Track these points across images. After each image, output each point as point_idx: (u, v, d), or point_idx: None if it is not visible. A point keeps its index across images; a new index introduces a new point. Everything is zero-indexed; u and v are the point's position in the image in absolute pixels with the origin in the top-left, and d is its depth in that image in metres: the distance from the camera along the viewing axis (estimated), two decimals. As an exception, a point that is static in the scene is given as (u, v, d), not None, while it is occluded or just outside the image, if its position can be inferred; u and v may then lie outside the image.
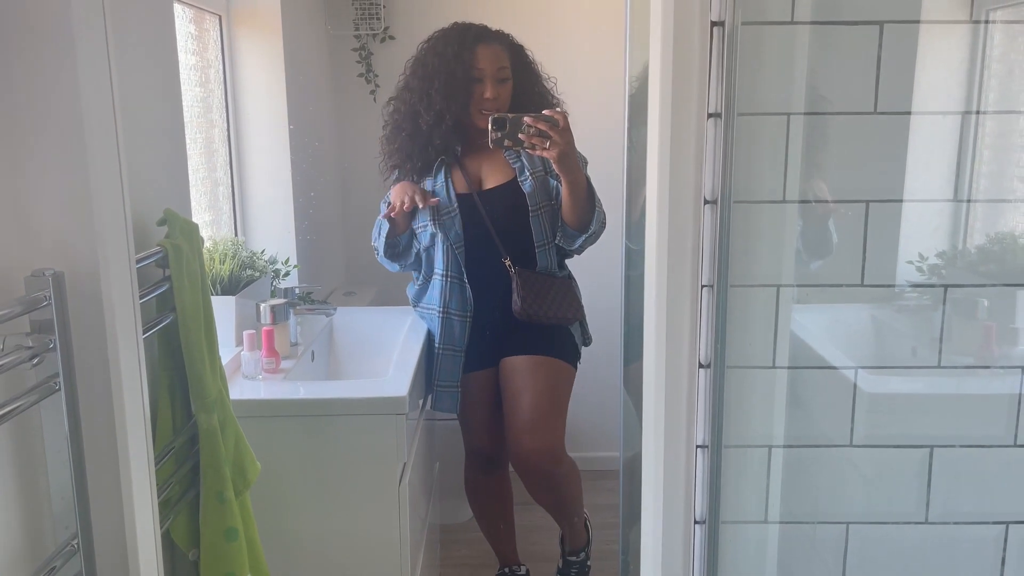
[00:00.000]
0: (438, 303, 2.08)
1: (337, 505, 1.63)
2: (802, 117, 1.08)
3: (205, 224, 2.12)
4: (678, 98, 1.03)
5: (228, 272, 1.84)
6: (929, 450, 1.19)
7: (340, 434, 1.61)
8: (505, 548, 2.37)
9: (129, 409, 0.99)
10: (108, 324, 0.96)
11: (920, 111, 1.12)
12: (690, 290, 1.08)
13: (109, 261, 0.95)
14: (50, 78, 0.91)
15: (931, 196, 1.17)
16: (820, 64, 1.10)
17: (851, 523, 1.21)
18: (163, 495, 1.17)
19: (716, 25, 1.02)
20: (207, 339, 1.25)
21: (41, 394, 0.88)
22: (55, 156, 0.92)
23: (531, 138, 1.82)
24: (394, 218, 2.01)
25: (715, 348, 1.09)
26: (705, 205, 1.07)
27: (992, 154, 1.16)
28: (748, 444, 1.17)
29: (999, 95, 1.16)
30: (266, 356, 1.76)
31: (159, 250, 1.18)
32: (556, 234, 2.06)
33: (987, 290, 1.20)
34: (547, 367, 2.07)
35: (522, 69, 2.06)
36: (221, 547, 1.27)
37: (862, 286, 1.15)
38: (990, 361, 1.23)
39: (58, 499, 0.94)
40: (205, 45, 2.18)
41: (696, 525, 1.14)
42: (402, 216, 2.02)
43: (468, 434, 2.24)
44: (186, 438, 1.26)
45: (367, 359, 2.19)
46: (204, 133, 2.15)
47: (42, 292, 0.88)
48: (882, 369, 1.24)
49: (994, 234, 1.20)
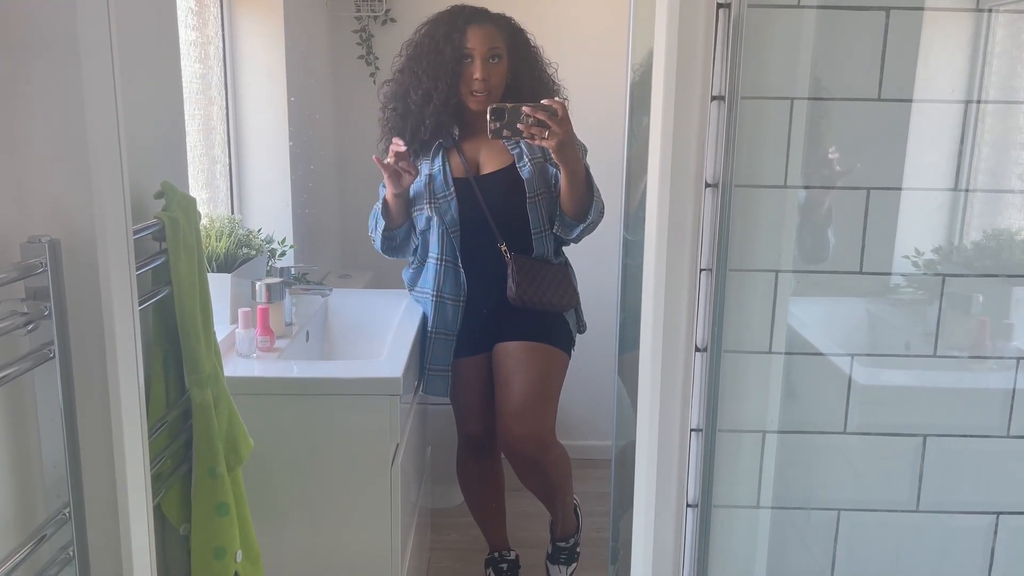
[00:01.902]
0: (432, 287, 2.08)
1: (329, 484, 1.63)
2: (806, 102, 1.08)
3: (202, 201, 2.11)
4: (682, 80, 1.03)
5: (224, 250, 1.83)
6: (922, 440, 1.19)
7: (333, 414, 1.60)
8: (495, 533, 2.37)
9: (123, 379, 0.99)
10: (104, 293, 0.95)
11: (923, 99, 1.12)
12: (689, 273, 1.08)
13: (106, 229, 0.95)
14: (51, 47, 0.90)
15: (931, 185, 1.17)
16: (825, 49, 1.09)
17: (842, 510, 1.22)
18: (155, 468, 1.16)
19: (722, 7, 1.02)
20: (202, 313, 1.25)
21: (35, 361, 0.88)
22: (54, 123, 0.91)
23: (530, 128, 1.81)
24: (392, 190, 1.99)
25: (712, 332, 1.09)
26: (706, 188, 1.07)
27: (991, 149, 1.16)
28: (742, 429, 1.17)
29: (1000, 88, 1.16)
30: (261, 334, 1.76)
31: (156, 222, 1.17)
32: (554, 222, 2.05)
33: (983, 284, 1.21)
34: (540, 353, 2.07)
35: (522, 53, 2.05)
36: (212, 522, 1.27)
37: (861, 273, 1.15)
38: (984, 354, 1.23)
39: (50, 468, 0.94)
40: (205, 21, 2.16)
41: (688, 508, 1.15)
42: (397, 207, 2.02)
43: (460, 419, 2.24)
44: (179, 412, 1.26)
45: (362, 341, 2.19)
46: (203, 110, 2.14)
47: (38, 259, 0.87)
48: (877, 359, 1.25)
49: (991, 229, 1.21)
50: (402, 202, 2.03)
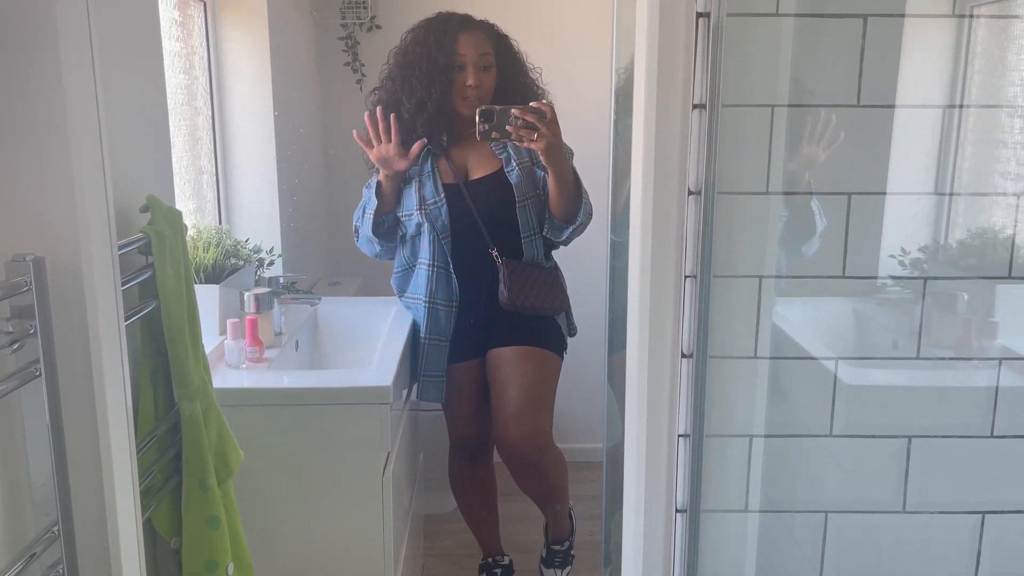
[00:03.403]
0: (424, 293, 2.08)
1: (320, 494, 1.63)
2: (786, 109, 1.09)
3: (189, 212, 2.10)
4: (663, 89, 1.03)
5: (212, 260, 1.83)
6: (907, 441, 1.20)
7: (324, 423, 1.60)
8: (488, 538, 2.38)
9: (111, 396, 0.99)
10: (90, 310, 0.95)
11: (903, 104, 1.13)
12: (673, 280, 1.09)
13: (91, 247, 0.95)
14: (33, 62, 0.90)
15: (913, 189, 1.18)
16: (804, 56, 1.10)
17: (830, 512, 1.23)
18: (145, 483, 1.16)
19: (702, 16, 1.02)
20: (190, 327, 1.25)
21: (21, 380, 0.88)
22: (37, 140, 0.91)
23: (518, 130, 1.82)
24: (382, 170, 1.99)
25: (698, 338, 1.10)
26: (689, 196, 1.07)
27: (974, 149, 1.17)
28: (729, 434, 1.17)
29: (981, 90, 1.17)
30: (250, 345, 1.75)
31: (142, 237, 1.17)
32: (543, 225, 2.06)
33: (967, 284, 1.22)
34: (534, 357, 2.07)
35: (507, 59, 2.06)
36: (203, 535, 1.27)
37: (844, 278, 1.16)
38: (969, 354, 1.24)
39: (39, 485, 0.93)
40: (189, 31, 2.16)
41: (677, 514, 1.15)
42: (391, 188, 2.02)
43: (453, 424, 2.25)
44: (168, 426, 1.26)
45: (352, 349, 2.19)
46: (188, 121, 2.14)
47: (22, 277, 0.87)
48: (862, 360, 1.25)
49: (975, 228, 1.21)
50: (395, 184, 2.03)
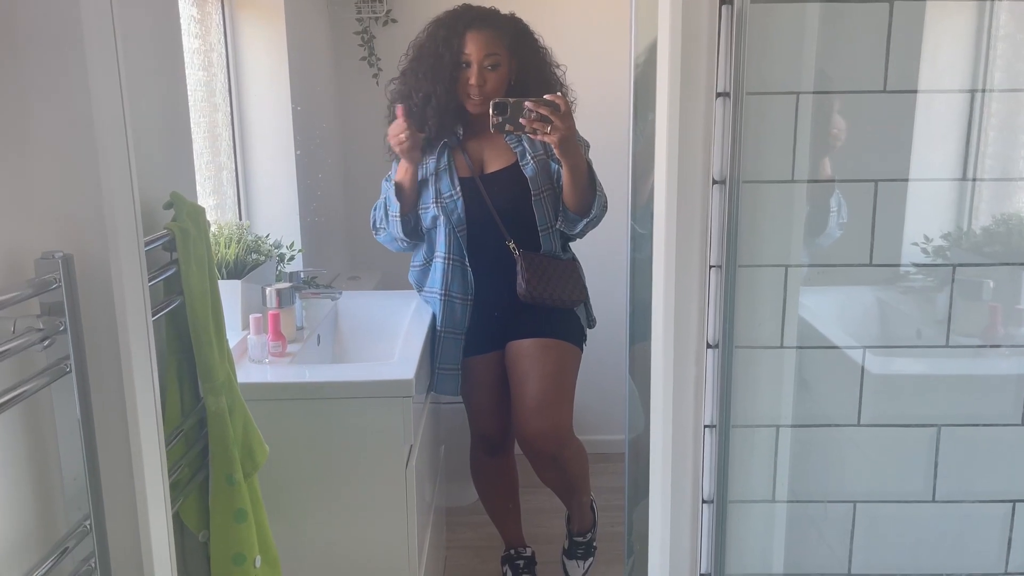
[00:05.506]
0: (440, 285, 2.08)
1: (344, 488, 1.63)
2: (811, 96, 1.08)
3: (210, 208, 2.12)
4: (687, 77, 1.02)
5: (234, 256, 1.84)
6: (936, 429, 1.19)
7: (347, 417, 1.61)
8: (511, 530, 2.38)
9: (139, 390, 1.00)
10: (118, 306, 0.96)
11: (925, 89, 1.12)
12: (698, 270, 1.08)
13: (119, 244, 0.95)
14: (60, 64, 0.90)
15: (936, 175, 1.17)
16: (830, 43, 1.09)
17: (858, 502, 1.22)
18: (173, 477, 1.17)
19: (725, 3, 1.02)
20: (214, 322, 1.25)
21: (52, 376, 0.88)
22: (64, 139, 0.92)
23: (532, 123, 1.82)
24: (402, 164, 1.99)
25: (723, 328, 1.09)
26: (713, 185, 1.06)
27: (998, 134, 1.16)
28: (756, 424, 1.17)
29: (1004, 74, 1.15)
30: (272, 340, 1.76)
31: (166, 233, 1.18)
32: (559, 218, 2.06)
33: (993, 271, 1.20)
34: (554, 349, 2.07)
35: (528, 54, 2.05)
36: (230, 528, 1.28)
37: (871, 266, 1.15)
38: (996, 341, 1.23)
39: (70, 480, 0.94)
40: (208, 28, 2.17)
41: (704, 504, 1.15)
42: (411, 186, 2.02)
43: (473, 417, 2.25)
44: (195, 420, 1.27)
45: (373, 343, 2.19)
46: (208, 117, 2.15)
47: (52, 274, 0.88)
48: (889, 349, 1.24)
49: (1000, 215, 1.20)
50: (414, 182, 2.04)
